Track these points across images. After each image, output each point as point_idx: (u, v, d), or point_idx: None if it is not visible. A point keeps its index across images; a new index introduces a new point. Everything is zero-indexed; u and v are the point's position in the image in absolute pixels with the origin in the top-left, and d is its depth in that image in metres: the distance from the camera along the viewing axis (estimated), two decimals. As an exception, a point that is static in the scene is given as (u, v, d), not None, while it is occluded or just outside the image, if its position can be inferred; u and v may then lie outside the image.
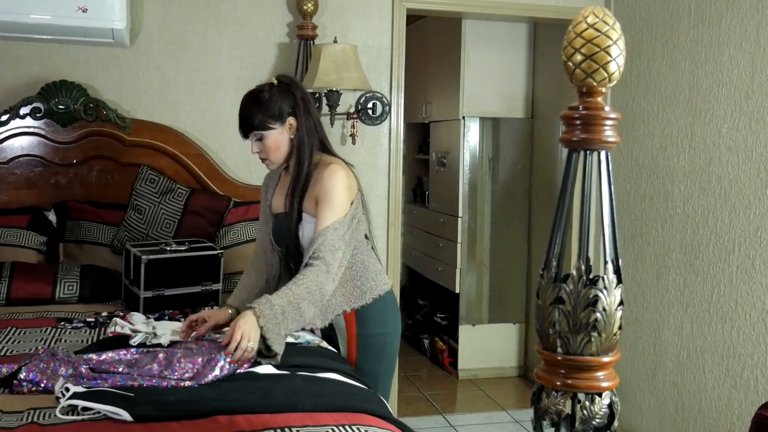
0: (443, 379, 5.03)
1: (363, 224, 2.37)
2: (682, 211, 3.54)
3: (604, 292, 1.33)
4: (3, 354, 2.22)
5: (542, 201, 4.98)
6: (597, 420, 1.36)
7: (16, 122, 3.40)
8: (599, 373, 1.36)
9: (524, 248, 5.13)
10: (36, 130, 3.43)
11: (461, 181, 5.03)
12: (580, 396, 1.36)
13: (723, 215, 3.29)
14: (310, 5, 3.66)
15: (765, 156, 3.08)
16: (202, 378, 1.93)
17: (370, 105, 3.91)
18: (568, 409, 1.38)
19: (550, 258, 1.38)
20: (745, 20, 3.19)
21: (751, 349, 3.13)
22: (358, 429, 1.70)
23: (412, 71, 4.69)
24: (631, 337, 3.88)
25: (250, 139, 2.34)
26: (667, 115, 3.67)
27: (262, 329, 2.02)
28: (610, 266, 1.36)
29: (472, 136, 5.06)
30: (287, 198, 2.36)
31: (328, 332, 2.48)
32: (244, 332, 2.00)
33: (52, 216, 3.39)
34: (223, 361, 1.98)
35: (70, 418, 1.70)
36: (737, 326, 3.21)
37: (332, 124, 3.76)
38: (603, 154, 1.36)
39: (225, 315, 2.33)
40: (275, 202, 2.46)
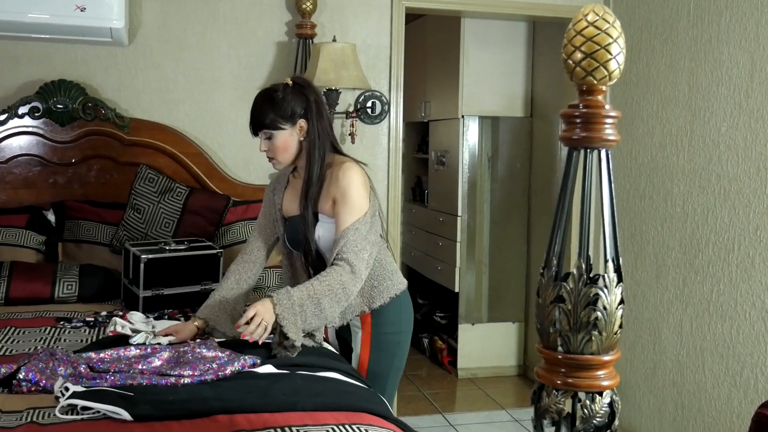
0: (443, 378, 5.03)
1: (378, 223, 2.37)
2: (682, 209, 3.54)
3: (605, 290, 1.33)
4: (2, 354, 2.21)
5: (541, 200, 4.97)
6: (598, 419, 1.35)
7: (15, 122, 3.40)
8: (600, 372, 1.35)
9: (523, 247, 5.13)
10: (34, 130, 3.42)
11: (460, 180, 5.02)
12: (581, 395, 1.36)
13: (722, 214, 3.29)
14: (308, 4, 3.66)
15: (764, 154, 3.08)
16: (203, 376, 1.93)
17: (369, 104, 3.91)
18: (568, 408, 1.38)
19: (551, 256, 1.38)
20: (744, 19, 3.19)
21: (750, 348, 3.13)
22: (358, 428, 1.70)
23: (411, 70, 4.69)
24: (630, 336, 3.88)
25: (259, 137, 2.34)
26: (666, 114, 3.67)
27: (278, 317, 2.08)
28: (610, 265, 1.35)
29: (471, 135, 5.05)
30: (301, 201, 2.34)
31: (340, 332, 2.48)
32: (258, 311, 2.08)
33: (50, 215, 3.38)
34: (228, 368, 1.98)
35: (69, 417, 1.69)
36: (737, 325, 3.21)
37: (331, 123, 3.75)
38: (603, 152, 1.36)
39: (190, 330, 2.33)
40: (287, 206, 2.45)
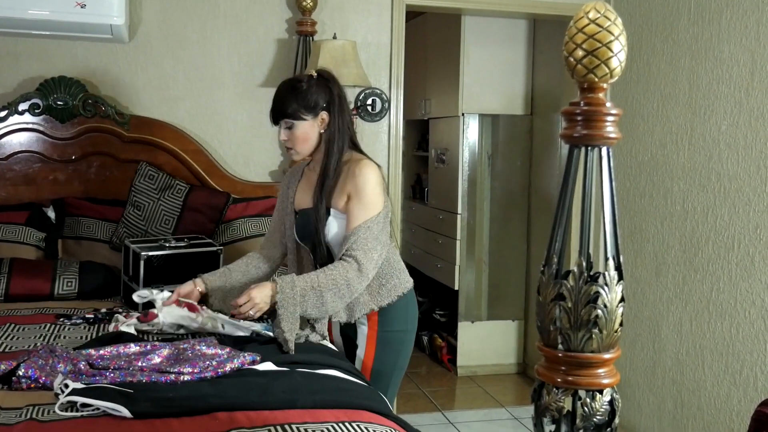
0: (442, 375, 5.03)
1: (388, 222, 2.37)
2: (682, 208, 3.54)
3: (605, 288, 1.33)
4: (2, 350, 2.21)
5: (541, 198, 4.97)
6: (598, 417, 1.35)
7: (15, 118, 3.39)
8: (600, 370, 1.35)
9: (523, 245, 5.13)
10: (35, 127, 3.42)
11: (460, 178, 5.02)
12: (581, 393, 1.36)
13: (722, 212, 3.29)
14: (309, 1, 3.65)
15: (765, 153, 3.08)
16: (203, 374, 1.93)
17: (369, 101, 3.91)
18: (568, 406, 1.37)
19: (551, 254, 1.37)
20: (745, 17, 3.19)
21: (750, 346, 3.13)
22: (357, 426, 1.70)
23: (411, 68, 4.68)
24: (630, 334, 3.88)
25: (280, 126, 2.34)
26: (666, 112, 3.66)
27: (276, 305, 2.13)
28: (611, 263, 1.35)
29: (471, 133, 5.05)
30: (314, 194, 2.34)
31: (345, 329, 2.48)
32: (252, 297, 2.16)
33: (50, 212, 3.38)
34: (228, 365, 1.98)
35: (69, 414, 1.69)
36: (736, 323, 3.21)
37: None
38: (604, 150, 1.35)
39: (188, 287, 2.39)
40: (299, 199, 2.45)
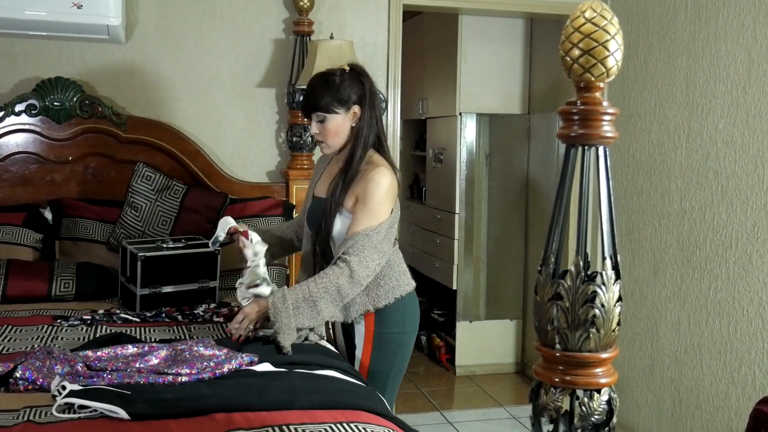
0: (440, 375, 5.03)
1: (394, 233, 2.38)
2: (679, 206, 3.54)
3: (603, 288, 1.33)
4: (-1, 352, 2.21)
5: (539, 197, 4.97)
6: (596, 416, 1.35)
7: (12, 119, 3.38)
8: (598, 370, 1.35)
9: (521, 244, 5.13)
10: (31, 127, 3.41)
11: (458, 178, 5.02)
12: (579, 392, 1.36)
13: (720, 211, 3.29)
14: (306, 1, 3.65)
15: (762, 151, 3.08)
16: (201, 375, 1.93)
17: (366, 101, 3.90)
18: (566, 406, 1.37)
19: (549, 254, 1.38)
20: (742, 15, 3.19)
21: (748, 345, 3.13)
22: (355, 426, 1.70)
23: (408, 67, 4.68)
24: (628, 333, 3.88)
25: (312, 119, 2.35)
26: (663, 111, 3.66)
27: (272, 319, 2.18)
28: (608, 262, 1.35)
29: (468, 133, 5.05)
30: (331, 184, 2.36)
31: (346, 327, 2.49)
32: (246, 313, 2.24)
33: (47, 213, 3.37)
34: (226, 366, 1.98)
35: (66, 416, 1.69)
36: (734, 322, 3.21)
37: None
38: (601, 149, 1.35)
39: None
40: (319, 186, 2.48)
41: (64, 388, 1.78)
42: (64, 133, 3.45)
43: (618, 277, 1.35)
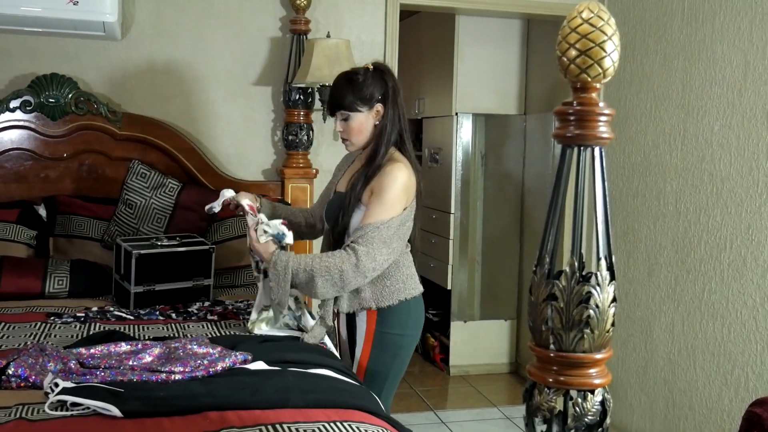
0: (434, 375, 5.03)
1: (407, 231, 2.38)
2: (674, 208, 3.55)
3: (597, 288, 1.33)
4: (-9, 349, 2.20)
5: (534, 198, 4.98)
6: (589, 417, 1.35)
7: (6, 115, 3.37)
8: (592, 370, 1.35)
9: (516, 245, 5.13)
10: (26, 124, 3.40)
11: (454, 178, 5.02)
12: (573, 393, 1.36)
13: (715, 213, 3.30)
14: (303, 0, 3.65)
15: (757, 154, 3.08)
16: (194, 373, 1.92)
17: (362, 100, 3.90)
18: (560, 406, 1.37)
19: (543, 254, 1.38)
20: (738, 18, 3.20)
21: (741, 347, 3.14)
22: (349, 425, 1.69)
23: (405, 67, 4.68)
24: (622, 334, 3.89)
25: (336, 117, 2.39)
26: (659, 113, 3.67)
27: (268, 271, 2.25)
28: (603, 263, 1.35)
29: (464, 133, 5.05)
30: (352, 178, 2.39)
31: (349, 319, 2.48)
32: (257, 251, 2.30)
33: (42, 210, 3.36)
34: (219, 364, 1.97)
35: (59, 413, 1.68)
36: (728, 323, 3.21)
37: (325, 119, 3.74)
38: (597, 150, 1.35)
39: (250, 195, 2.51)
40: (341, 182, 2.51)
41: (56, 385, 1.77)
42: (59, 129, 3.44)
43: (613, 278, 1.35)
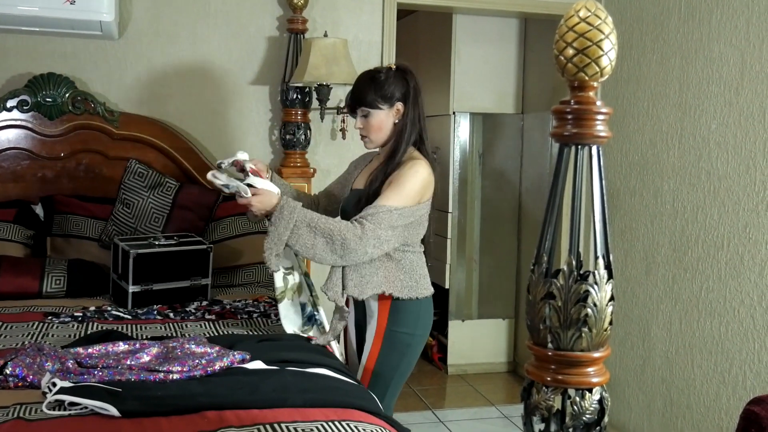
0: (432, 374, 5.03)
1: (418, 228, 2.40)
2: (672, 207, 3.55)
3: (595, 287, 1.33)
4: (-11, 349, 2.20)
5: (532, 197, 4.98)
6: (587, 416, 1.35)
7: (3, 115, 3.37)
8: (589, 369, 1.35)
9: (514, 244, 5.13)
10: (23, 123, 3.40)
11: (451, 177, 5.02)
12: (571, 392, 1.36)
13: (712, 211, 3.30)
14: (300, -1, 3.65)
15: (754, 152, 3.09)
16: (192, 372, 1.92)
17: (360, 99, 3.90)
18: (558, 405, 1.37)
19: (541, 253, 1.37)
20: (735, 16, 3.20)
21: (739, 345, 3.15)
22: (347, 424, 1.69)
23: (402, 66, 4.66)
24: (620, 333, 3.89)
25: (357, 114, 2.43)
26: (656, 111, 3.67)
27: (271, 218, 2.20)
28: (600, 261, 1.35)
29: (462, 132, 5.05)
30: (370, 176, 2.41)
31: (359, 318, 2.49)
32: (256, 202, 2.21)
33: (39, 210, 3.36)
34: (217, 363, 1.97)
35: (56, 413, 1.68)
36: (726, 322, 3.22)
37: (322, 118, 3.74)
38: (594, 148, 1.35)
39: (264, 165, 2.43)
40: (359, 180, 2.53)
41: (54, 385, 1.77)
42: (56, 129, 3.43)
43: (610, 276, 1.35)
